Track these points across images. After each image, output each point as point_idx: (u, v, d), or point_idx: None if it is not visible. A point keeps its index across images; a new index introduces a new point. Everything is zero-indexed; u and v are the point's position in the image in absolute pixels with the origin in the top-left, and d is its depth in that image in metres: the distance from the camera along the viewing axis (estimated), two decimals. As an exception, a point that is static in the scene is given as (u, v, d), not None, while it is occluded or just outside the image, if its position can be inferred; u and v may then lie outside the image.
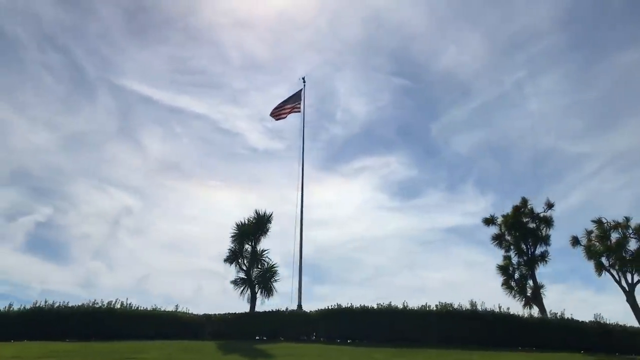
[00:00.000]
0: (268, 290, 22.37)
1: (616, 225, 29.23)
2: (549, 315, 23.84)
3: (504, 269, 25.48)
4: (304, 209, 25.25)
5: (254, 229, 22.76)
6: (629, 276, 28.33)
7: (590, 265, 28.46)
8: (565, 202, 73.39)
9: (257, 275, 22.62)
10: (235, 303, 28.81)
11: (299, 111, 29.29)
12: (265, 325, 20.15)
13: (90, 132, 72.85)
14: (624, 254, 28.28)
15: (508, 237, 26.06)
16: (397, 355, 16.71)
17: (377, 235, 70.55)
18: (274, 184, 69.49)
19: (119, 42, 78.88)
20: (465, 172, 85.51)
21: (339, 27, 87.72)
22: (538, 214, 26.33)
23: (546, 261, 25.46)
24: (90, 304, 20.54)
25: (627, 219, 28.90)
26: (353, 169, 77.37)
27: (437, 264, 67.52)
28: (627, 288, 27.87)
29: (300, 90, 29.86)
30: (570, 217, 70.26)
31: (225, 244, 22.78)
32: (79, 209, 67.11)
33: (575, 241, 29.51)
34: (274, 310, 20.62)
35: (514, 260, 25.84)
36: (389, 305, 20.81)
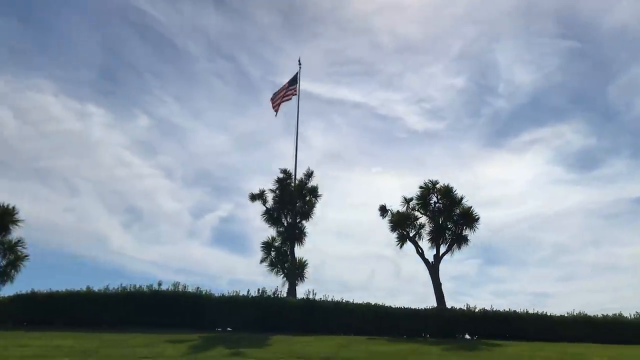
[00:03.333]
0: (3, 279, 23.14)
1: (440, 190, 25.99)
2: (299, 296, 22.22)
3: (268, 246, 23.79)
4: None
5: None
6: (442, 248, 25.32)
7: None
8: None
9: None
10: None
11: (295, 94, 29.50)
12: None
13: (260, 130, 78.63)
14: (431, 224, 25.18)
15: (274, 212, 24.25)
16: (53, 338, 16.52)
17: (554, 212, 67.20)
18: (436, 165, 70.29)
19: (277, 43, 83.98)
20: (652, 135, 77.42)
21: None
22: (305, 184, 24.19)
23: (304, 237, 23.40)
24: None
25: (433, 183, 25.63)
26: (522, 143, 73.68)
27: (628, 238, 61.89)
28: (431, 261, 24.85)
29: (297, 72, 30.09)
30: None
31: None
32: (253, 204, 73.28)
33: (383, 210, 26.72)
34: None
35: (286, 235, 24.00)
36: (87, 289, 20.60)
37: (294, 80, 29.85)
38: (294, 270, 22.93)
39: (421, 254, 25.01)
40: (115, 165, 65.03)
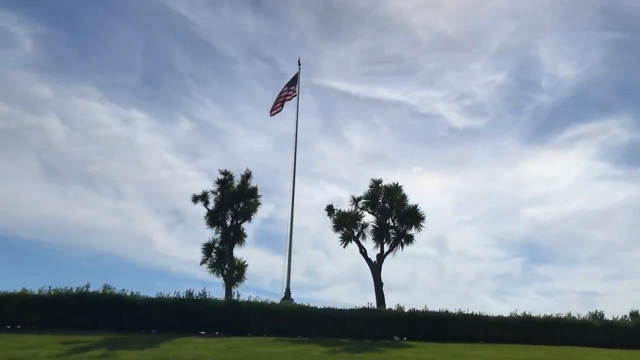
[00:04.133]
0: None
1: (384, 189, 25.74)
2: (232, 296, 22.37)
3: (209, 247, 23.95)
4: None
5: None
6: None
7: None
8: None
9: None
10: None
11: (295, 95, 29.52)
12: None
13: (298, 132, 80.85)
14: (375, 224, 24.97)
15: (216, 214, 24.39)
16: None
17: (601, 208, 67.10)
18: (478, 164, 69.86)
19: (315, 45, 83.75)
20: None
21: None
22: (246, 186, 24.28)
23: (244, 238, 23.48)
24: None
25: (377, 181, 25.40)
26: (566, 139, 72.87)
27: (678, 235, 62.41)
28: (374, 260, 24.64)
29: (297, 73, 30.29)
30: None
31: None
32: (296, 203, 74.69)
33: (330, 210, 26.51)
34: None
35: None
36: (22, 290, 20.99)
37: (294, 81, 29.88)
38: (233, 272, 23.05)
39: (364, 253, 24.87)
40: (159, 169, 66.77)
